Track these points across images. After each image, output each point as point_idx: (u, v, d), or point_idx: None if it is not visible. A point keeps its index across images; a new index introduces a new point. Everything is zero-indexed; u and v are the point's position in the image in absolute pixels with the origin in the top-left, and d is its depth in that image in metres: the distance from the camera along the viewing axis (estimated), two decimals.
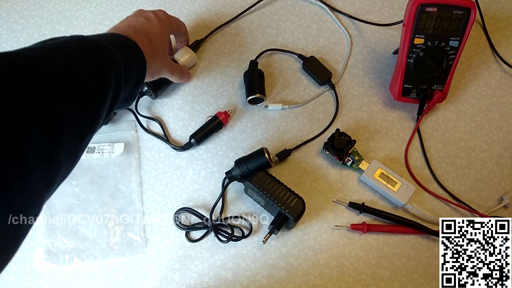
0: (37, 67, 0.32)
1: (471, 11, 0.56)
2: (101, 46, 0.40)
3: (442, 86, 0.61)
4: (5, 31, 0.68)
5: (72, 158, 0.36)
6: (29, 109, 0.29)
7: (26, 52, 0.34)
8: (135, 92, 0.48)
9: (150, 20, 0.53)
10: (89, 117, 0.37)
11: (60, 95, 0.32)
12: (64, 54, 0.36)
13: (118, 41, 0.45)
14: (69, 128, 0.33)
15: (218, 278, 0.55)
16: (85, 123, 0.36)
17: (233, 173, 0.58)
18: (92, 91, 0.37)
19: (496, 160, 0.62)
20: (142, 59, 0.47)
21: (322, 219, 0.58)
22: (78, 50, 0.38)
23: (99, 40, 0.41)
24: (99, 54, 0.39)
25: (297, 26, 0.70)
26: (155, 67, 0.52)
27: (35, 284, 0.54)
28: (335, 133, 0.60)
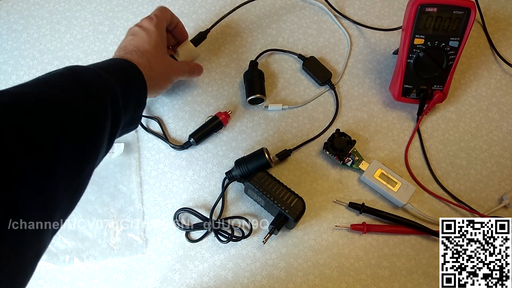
0: (27, 103, 0.32)
1: (471, 11, 0.56)
2: (94, 75, 0.39)
3: (442, 86, 0.61)
4: (5, 31, 0.68)
5: (72, 191, 0.35)
6: (19, 147, 0.28)
7: (16, 89, 0.33)
8: (138, 113, 0.47)
9: (137, 34, 0.51)
10: (86, 149, 0.36)
11: (51, 130, 0.32)
12: (56, 88, 0.35)
13: (114, 65, 0.44)
14: (64, 163, 0.32)
15: (218, 278, 0.55)
16: (81, 156, 0.35)
17: (233, 173, 0.58)
18: (86, 122, 0.36)
19: (496, 160, 0.62)
20: (141, 78, 0.45)
21: (322, 219, 0.58)
22: (70, 82, 0.37)
23: (93, 68, 0.40)
24: (92, 84, 0.38)
25: (297, 26, 0.70)
26: (158, 78, 0.51)
27: (35, 284, 0.54)
28: (335, 133, 0.60)
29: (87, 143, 0.36)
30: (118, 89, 0.41)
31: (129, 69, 0.45)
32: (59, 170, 0.32)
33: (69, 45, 0.68)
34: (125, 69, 0.45)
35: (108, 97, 0.39)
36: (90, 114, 0.36)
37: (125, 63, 0.46)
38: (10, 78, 0.65)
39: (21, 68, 0.66)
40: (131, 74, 0.45)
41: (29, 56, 0.67)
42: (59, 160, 0.32)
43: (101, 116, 0.38)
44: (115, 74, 0.42)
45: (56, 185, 0.31)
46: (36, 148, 0.30)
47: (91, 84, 0.38)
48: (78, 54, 0.67)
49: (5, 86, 0.67)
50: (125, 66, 0.45)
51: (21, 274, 0.29)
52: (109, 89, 0.40)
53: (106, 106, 0.38)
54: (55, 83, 0.36)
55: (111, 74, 0.41)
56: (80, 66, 0.40)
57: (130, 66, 0.46)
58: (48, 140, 0.31)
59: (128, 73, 0.45)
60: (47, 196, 0.31)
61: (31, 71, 0.66)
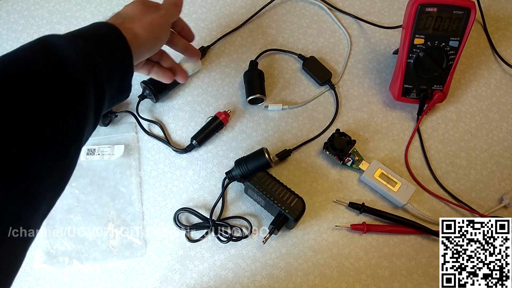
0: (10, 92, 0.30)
1: (471, 11, 0.56)
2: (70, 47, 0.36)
3: (442, 86, 0.61)
4: (5, 31, 0.68)
5: (56, 176, 0.34)
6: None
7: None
8: (126, 82, 0.44)
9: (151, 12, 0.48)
10: (67, 131, 0.34)
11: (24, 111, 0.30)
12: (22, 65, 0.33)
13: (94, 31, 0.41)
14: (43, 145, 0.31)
15: (218, 278, 0.55)
16: (63, 139, 0.34)
17: (233, 173, 0.58)
18: (64, 102, 0.34)
19: (496, 160, 0.62)
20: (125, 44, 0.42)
21: (322, 219, 0.58)
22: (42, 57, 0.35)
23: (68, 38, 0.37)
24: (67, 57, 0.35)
25: (297, 26, 0.70)
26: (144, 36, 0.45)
27: (35, 284, 0.54)
28: (335, 133, 0.60)
29: (68, 123, 0.34)
30: (99, 59, 0.38)
31: (110, 34, 0.41)
32: (39, 157, 0.30)
33: None
34: (105, 34, 0.41)
35: (87, 71, 0.36)
36: (67, 92, 0.34)
37: (105, 27, 0.42)
38: None
39: None
40: (113, 40, 0.41)
41: None
42: (37, 145, 0.30)
43: (81, 92, 0.35)
44: (95, 41, 0.39)
45: (37, 172, 0.30)
46: (9, 136, 0.28)
47: (66, 57, 0.35)
48: None
49: None
50: (106, 30, 0.41)
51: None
52: (88, 61, 0.37)
53: (86, 81, 0.36)
54: (24, 58, 0.34)
55: (89, 42, 0.38)
56: (55, 36, 0.37)
57: (111, 30, 0.42)
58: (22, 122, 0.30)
59: (110, 38, 0.41)
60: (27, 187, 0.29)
61: None
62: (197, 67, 0.65)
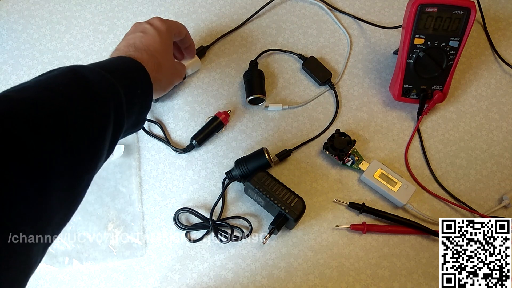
0: (22, 112, 0.30)
1: (471, 11, 0.56)
2: (97, 77, 0.37)
3: (442, 86, 0.61)
4: (5, 31, 0.68)
5: (68, 203, 0.34)
6: (12, 160, 0.27)
7: (13, 94, 0.32)
8: (142, 116, 0.46)
9: (147, 32, 0.50)
10: (84, 159, 0.34)
11: (46, 141, 0.30)
12: (56, 92, 0.34)
13: (120, 65, 0.42)
14: (60, 175, 0.31)
15: (218, 278, 0.55)
16: (79, 167, 0.34)
17: (233, 173, 0.58)
18: (86, 131, 0.34)
19: (496, 160, 0.62)
20: (147, 81, 0.44)
21: (322, 219, 0.58)
22: (71, 85, 0.35)
23: (97, 70, 0.38)
24: (94, 87, 0.36)
25: (297, 26, 0.70)
26: (164, 80, 0.49)
27: (35, 284, 0.54)
28: (335, 133, 0.60)
29: (86, 153, 0.34)
30: (122, 92, 0.39)
31: (136, 70, 0.43)
32: (55, 185, 0.30)
33: (69, 45, 0.68)
34: (132, 70, 0.43)
35: (111, 102, 0.37)
36: (90, 121, 0.35)
37: (132, 63, 0.43)
38: (10, 78, 0.65)
39: (21, 68, 0.66)
40: (138, 76, 0.43)
41: (29, 56, 0.67)
42: (55, 174, 0.31)
43: (103, 123, 0.36)
44: (121, 75, 0.40)
45: (50, 198, 0.30)
46: (29, 160, 0.28)
47: (94, 88, 0.36)
48: (78, 54, 0.67)
49: (5, 86, 0.67)
50: (132, 67, 0.43)
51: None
52: (112, 92, 0.38)
53: (109, 112, 0.37)
54: (55, 86, 0.34)
55: (116, 75, 0.39)
56: (84, 66, 0.38)
57: (137, 67, 0.43)
58: (43, 154, 0.30)
59: (135, 74, 0.43)
60: (39, 211, 0.29)
61: (31, 71, 0.66)
62: (196, 67, 0.65)
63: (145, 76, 0.44)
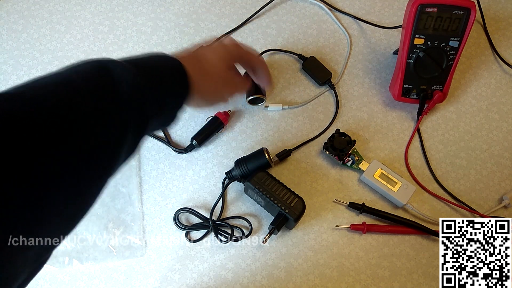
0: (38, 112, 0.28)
1: (471, 11, 0.56)
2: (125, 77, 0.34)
3: (442, 86, 0.61)
4: (5, 31, 0.68)
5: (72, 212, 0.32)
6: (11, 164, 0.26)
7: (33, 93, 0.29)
8: (173, 114, 0.42)
9: (210, 45, 0.47)
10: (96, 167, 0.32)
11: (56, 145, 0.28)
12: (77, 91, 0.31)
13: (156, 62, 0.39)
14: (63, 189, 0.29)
15: (218, 278, 0.55)
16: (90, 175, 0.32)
17: (233, 173, 0.58)
18: (98, 136, 0.32)
19: (496, 160, 0.62)
20: (184, 80, 0.41)
21: (322, 219, 0.58)
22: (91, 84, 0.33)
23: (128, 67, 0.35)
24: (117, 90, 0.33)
25: (297, 26, 0.70)
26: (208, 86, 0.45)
27: (35, 284, 0.54)
28: (335, 133, 0.60)
29: (99, 161, 0.32)
30: (151, 93, 0.36)
31: (172, 68, 0.40)
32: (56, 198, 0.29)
33: (69, 45, 0.68)
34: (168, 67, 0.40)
35: (134, 106, 0.34)
36: (106, 126, 0.32)
37: (170, 61, 0.40)
38: (10, 78, 0.65)
39: (21, 68, 0.66)
40: (173, 74, 0.40)
41: (29, 56, 0.67)
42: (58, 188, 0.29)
43: (120, 128, 0.33)
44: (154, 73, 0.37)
45: (51, 208, 0.29)
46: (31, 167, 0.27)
47: (117, 89, 0.33)
48: (78, 54, 0.67)
49: (5, 86, 0.67)
50: (169, 64, 0.40)
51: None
52: (139, 94, 0.35)
53: (128, 118, 0.34)
54: (78, 84, 0.32)
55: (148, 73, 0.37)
56: (114, 62, 0.35)
57: (174, 65, 0.40)
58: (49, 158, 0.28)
59: (170, 72, 0.40)
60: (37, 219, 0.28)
61: (31, 71, 0.66)
62: None
63: (181, 75, 0.40)
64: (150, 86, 0.36)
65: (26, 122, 0.28)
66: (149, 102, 0.36)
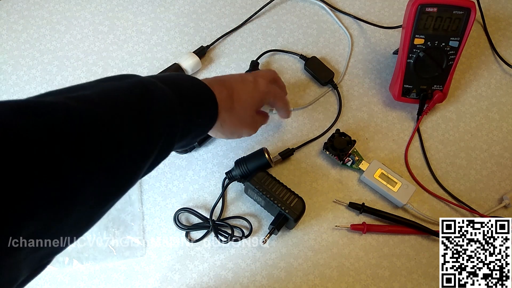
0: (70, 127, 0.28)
1: (471, 11, 0.56)
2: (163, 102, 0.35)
3: (442, 86, 0.61)
4: (5, 31, 0.68)
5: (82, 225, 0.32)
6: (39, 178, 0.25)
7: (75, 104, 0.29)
8: (194, 141, 0.43)
9: (245, 79, 0.47)
10: (116, 185, 0.32)
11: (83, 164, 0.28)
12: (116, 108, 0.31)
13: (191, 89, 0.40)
14: (84, 201, 0.29)
15: (218, 278, 0.55)
16: (110, 192, 0.32)
17: (233, 173, 0.58)
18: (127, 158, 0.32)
19: (496, 160, 0.62)
20: (213, 112, 0.42)
21: (322, 219, 0.58)
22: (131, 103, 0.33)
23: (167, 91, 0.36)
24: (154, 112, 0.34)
25: (297, 26, 0.70)
26: (231, 124, 0.46)
27: (35, 284, 0.54)
28: (335, 133, 0.60)
29: (122, 180, 0.32)
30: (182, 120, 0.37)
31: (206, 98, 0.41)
32: (75, 210, 0.29)
33: (69, 45, 0.68)
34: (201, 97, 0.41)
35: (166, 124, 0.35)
36: (136, 147, 0.32)
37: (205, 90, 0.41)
38: (10, 78, 0.65)
39: (21, 68, 0.66)
40: (204, 105, 0.41)
41: (29, 56, 0.67)
42: (80, 200, 0.29)
43: (148, 150, 0.34)
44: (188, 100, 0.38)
45: (67, 223, 0.29)
46: (57, 176, 0.26)
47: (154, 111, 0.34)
48: (78, 54, 0.67)
49: (5, 86, 0.67)
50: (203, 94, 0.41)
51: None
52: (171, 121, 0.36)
53: (158, 141, 0.35)
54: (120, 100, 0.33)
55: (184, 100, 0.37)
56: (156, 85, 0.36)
57: (208, 96, 0.41)
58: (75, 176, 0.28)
59: (203, 102, 0.41)
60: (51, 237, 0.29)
61: (31, 71, 0.66)
62: (197, 67, 0.65)
63: (212, 106, 0.41)
64: (182, 111, 0.37)
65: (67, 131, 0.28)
66: (179, 125, 0.37)
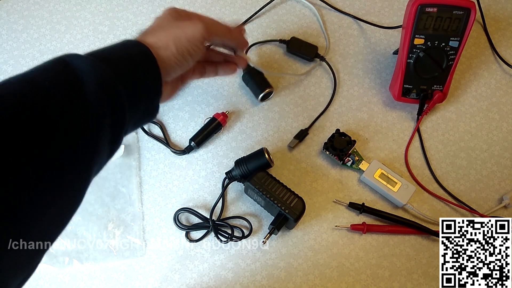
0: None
1: (471, 11, 0.56)
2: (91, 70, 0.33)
3: (442, 86, 0.61)
4: (5, 31, 0.68)
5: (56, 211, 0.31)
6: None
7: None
8: (154, 105, 0.42)
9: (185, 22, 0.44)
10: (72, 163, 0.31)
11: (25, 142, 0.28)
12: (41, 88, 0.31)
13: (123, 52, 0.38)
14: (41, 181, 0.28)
15: (218, 278, 0.55)
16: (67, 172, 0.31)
17: (233, 173, 0.58)
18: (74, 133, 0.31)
19: (496, 160, 0.62)
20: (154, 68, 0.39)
21: (322, 219, 0.58)
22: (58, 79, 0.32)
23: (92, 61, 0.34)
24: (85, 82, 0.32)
25: (297, 27, 0.70)
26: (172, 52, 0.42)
27: (35, 284, 0.54)
28: (335, 133, 0.60)
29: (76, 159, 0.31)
30: (121, 86, 0.35)
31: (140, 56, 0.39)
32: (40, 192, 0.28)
33: (69, 45, 0.68)
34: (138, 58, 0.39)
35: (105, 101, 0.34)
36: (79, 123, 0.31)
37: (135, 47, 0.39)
38: None
39: (21, 68, 0.66)
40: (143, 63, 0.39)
41: (29, 56, 0.67)
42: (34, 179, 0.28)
43: (94, 126, 0.33)
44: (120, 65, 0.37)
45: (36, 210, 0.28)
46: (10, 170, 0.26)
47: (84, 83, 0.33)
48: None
49: None
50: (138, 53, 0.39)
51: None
52: (108, 90, 0.34)
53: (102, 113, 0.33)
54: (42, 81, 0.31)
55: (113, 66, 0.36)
56: (78, 57, 0.34)
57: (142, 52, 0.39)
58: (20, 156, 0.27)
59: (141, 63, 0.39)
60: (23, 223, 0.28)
61: None
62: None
63: (150, 61, 0.39)
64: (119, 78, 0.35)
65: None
66: (121, 95, 0.35)
